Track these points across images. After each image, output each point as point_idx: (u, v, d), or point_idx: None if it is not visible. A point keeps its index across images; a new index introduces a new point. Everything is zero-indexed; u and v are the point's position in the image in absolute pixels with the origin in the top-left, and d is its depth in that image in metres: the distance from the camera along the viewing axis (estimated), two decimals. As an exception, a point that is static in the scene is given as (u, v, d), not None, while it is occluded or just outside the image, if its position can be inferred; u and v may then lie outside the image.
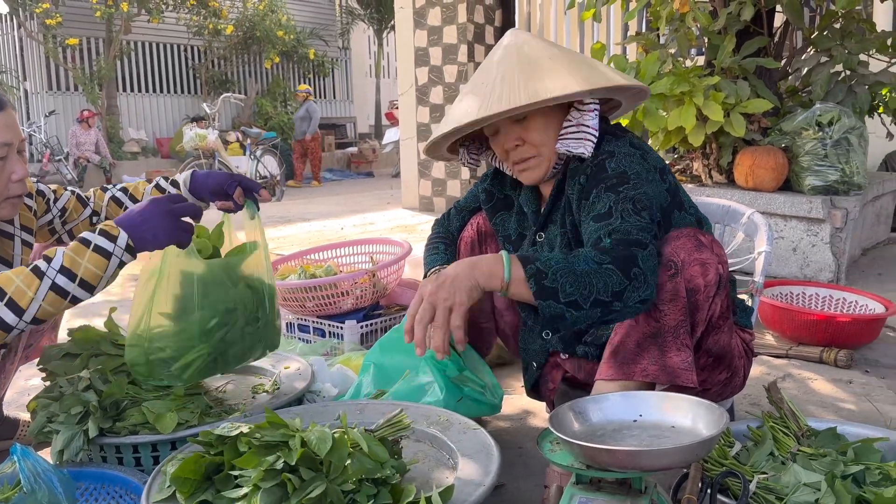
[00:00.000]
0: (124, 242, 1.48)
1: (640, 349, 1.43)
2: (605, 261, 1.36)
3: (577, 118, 1.58)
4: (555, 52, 1.59)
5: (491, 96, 1.50)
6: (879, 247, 4.51)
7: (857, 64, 3.75)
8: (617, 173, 1.51)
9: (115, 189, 1.93)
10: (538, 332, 1.78)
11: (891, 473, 1.40)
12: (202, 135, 8.92)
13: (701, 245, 1.46)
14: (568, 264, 1.35)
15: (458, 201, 2.02)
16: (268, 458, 1.21)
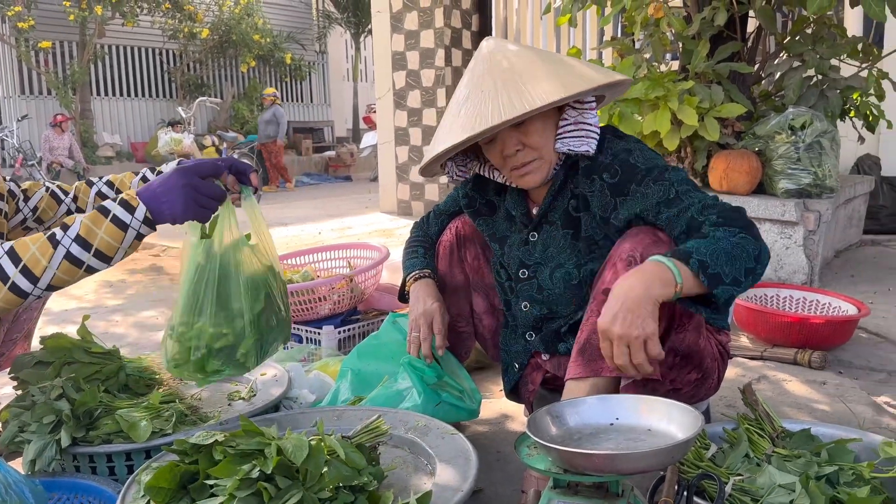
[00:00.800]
0: (142, 215, 1.44)
1: None
2: (735, 232, 1.40)
3: (574, 116, 1.58)
4: (544, 54, 1.60)
5: (496, 104, 1.47)
6: (852, 249, 4.57)
7: (828, 69, 3.81)
8: (650, 165, 1.54)
9: (100, 182, 1.89)
10: (521, 333, 1.78)
11: (864, 474, 1.42)
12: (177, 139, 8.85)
13: (659, 241, 1.50)
14: (716, 247, 1.37)
15: (437, 205, 2.02)
16: (243, 466, 1.20)
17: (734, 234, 1.40)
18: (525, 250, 1.71)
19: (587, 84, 1.49)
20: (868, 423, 2.08)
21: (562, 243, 1.65)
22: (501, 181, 1.73)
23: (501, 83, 1.50)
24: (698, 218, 1.46)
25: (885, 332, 2.89)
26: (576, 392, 1.48)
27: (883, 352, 2.69)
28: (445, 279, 1.91)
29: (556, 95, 1.44)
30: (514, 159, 1.60)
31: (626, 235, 1.54)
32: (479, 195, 1.82)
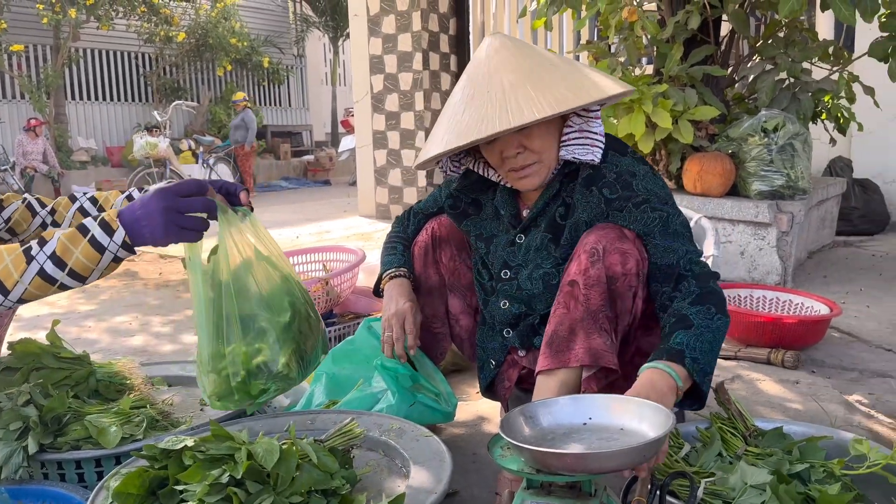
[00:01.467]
0: (121, 238, 1.38)
1: (572, 335, 1.49)
2: (713, 314, 1.44)
3: (579, 124, 1.58)
4: (552, 57, 1.58)
5: (504, 108, 1.44)
6: (825, 250, 4.63)
7: (800, 72, 3.86)
8: (651, 194, 1.56)
9: (84, 198, 1.81)
10: (499, 330, 1.78)
11: (835, 471, 1.43)
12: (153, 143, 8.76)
13: (624, 237, 1.52)
14: (702, 340, 1.40)
15: (417, 204, 2.01)
16: (213, 471, 1.18)
17: (712, 318, 1.43)
18: (510, 251, 1.72)
19: (598, 94, 1.48)
20: (840, 421, 2.10)
21: (542, 246, 1.66)
22: (496, 179, 1.73)
23: (510, 85, 1.47)
24: (682, 268, 1.51)
25: (857, 331, 2.93)
26: (546, 386, 1.49)
27: (855, 351, 2.72)
28: (420, 280, 1.90)
29: (566, 105, 1.43)
30: (513, 161, 1.59)
31: (592, 229, 1.56)
32: (464, 194, 1.81)
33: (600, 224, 1.56)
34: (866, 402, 2.27)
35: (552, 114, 1.41)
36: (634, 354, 1.63)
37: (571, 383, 1.50)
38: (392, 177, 7.02)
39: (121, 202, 1.77)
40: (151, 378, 2.02)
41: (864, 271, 4.01)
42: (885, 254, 4.51)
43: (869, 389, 2.37)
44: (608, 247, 1.50)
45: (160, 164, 9.04)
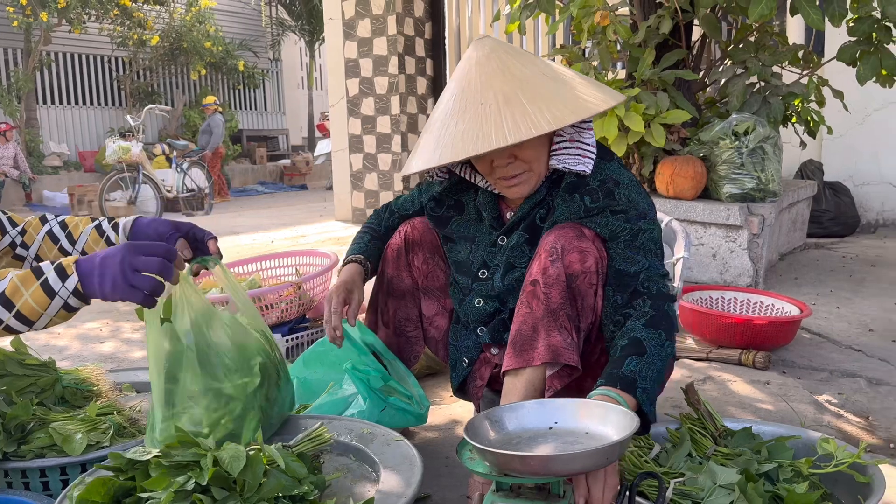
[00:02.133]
0: (73, 285, 1.32)
1: (535, 333, 1.50)
2: (664, 341, 1.46)
3: (570, 134, 1.59)
4: (544, 66, 1.56)
5: (499, 124, 1.43)
6: (796, 252, 4.68)
7: (770, 76, 3.90)
8: (631, 205, 1.57)
9: (54, 222, 1.73)
10: (472, 328, 1.78)
11: (803, 470, 1.44)
12: (125, 147, 8.65)
13: (582, 236, 1.53)
14: (651, 368, 1.42)
15: (395, 201, 1.99)
16: (178, 478, 1.17)
17: (663, 345, 1.46)
18: (491, 252, 1.72)
19: (594, 109, 1.47)
20: (810, 421, 2.12)
21: (518, 246, 1.66)
22: (483, 185, 1.73)
23: (504, 99, 1.45)
24: (640, 282, 1.52)
25: (827, 332, 2.96)
26: (513, 386, 1.51)
27: (825, 352, 2.75)
28: (393, 283, 1.90)
29: (563, 122, 1.42)
30: (503, 171, 1.59)
31: (552, 228, 1.57)
32: (447, 196, 1.82)
33: (560, 224, 1.58)
34: (836, 402, 2.29)
35: (549, 130, 1.41)
36: (601, 354, 1.64)
37: (537, 382, 1.51)
38: (368, 181, 7.01)
39: (90, 231, 1.70)
40: (119, 384, 2.00)
41: (835, 273, 4.06)
42: (855, 256, 4.58)
43: (838, 389, 2.40)
44: (567, 245, 1.51)
45: (133, 169, 8.93)
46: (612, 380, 1.40)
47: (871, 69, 3.53)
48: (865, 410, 2.23)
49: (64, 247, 1.68)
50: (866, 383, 2.44)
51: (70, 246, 1.66)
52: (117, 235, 1.68)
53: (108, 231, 1.69)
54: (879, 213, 5.78)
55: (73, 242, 1.70)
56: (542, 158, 1.60)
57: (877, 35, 3.52)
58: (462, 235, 1.79)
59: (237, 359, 1.46)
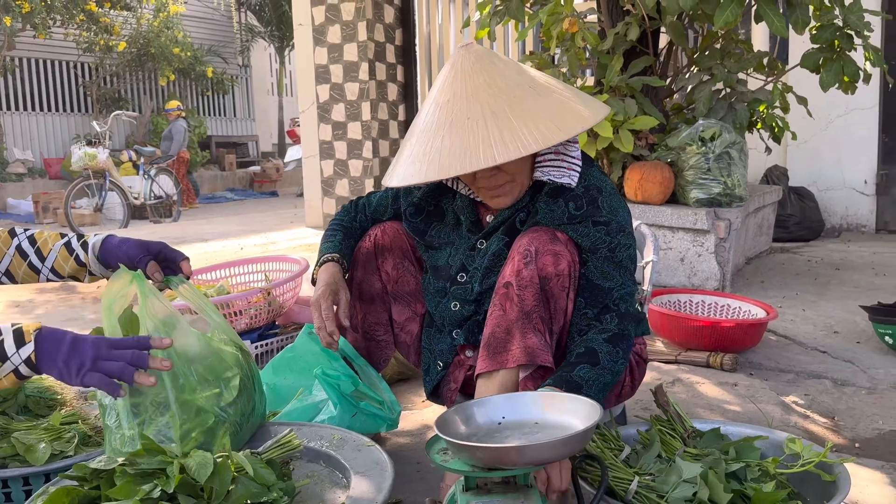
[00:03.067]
0: (27, 354, 1.27)
1: (509, 336, 1.51)
2: (619, 357, 1.52)
3: (556, 146, 1.59)
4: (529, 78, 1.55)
5: (487, 142, 1.42)
6: (762, 256, 4.75)
7: (736, 82, 3.96)
8: (613, 216, 1.59)
9: (23, 236, 1.66)
10: (448, 331, 1.77)
11: (770, 469, 1.46)
12: (91, 154, 8.52)
13: (556, 239, 1.55)
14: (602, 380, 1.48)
15: (368, 198, 1.97)
16: (144, 486, 1.15)
17: (617, 362, 1.51)
18: (470, 255, 1.72)
19: (582, 126, 1.49)
20: (777, 421, 2.15)
21: (498, 250, 1.66)
22: (465, 192, 1.73)
23: (491, 114, 1.44)
24: (612, 299, 1.56)
25: (793, 334, 3.01)
26: (486, 388, 1.52)
27: (791, 353, 2.79)
28: (362, 287, 1.88)
29: (551, 141, 1.42)
30: (486, 181, 1.60)
31: (526, 232, 1.58)
32: (426, 202, 1.81)
33: (533, 228, 1.58)
34: (802, 403, 2.33)
35: (537, 150, 1.41)
36: None
37: (510, 385, 1.51)
38: (339, 187, 6.98)
39: (59, 248, 1.64)
40: (84, 393, 1.96)
41: (800, 276, 4.12)
42: (820, 259, 4.65)
43: (805, 390, 2.43)
44: (541, 248, 1.52)
45: (100, 176, 8.81)
46: (559, 381, 1.44)
47: (833, 76, 3.60)
48: (831, 411, 2.27)
49: (33, 262, 1.62)
50: (832, 384, 2.48)
51: (39, 262, 1.61)
52: (86, 254, 1.63)
53: (78, 249, 1.64)
54: (843, 217, 5.89)
55: (42, 259, 1.64)
56: (526, 170, 1.62)
57: (839, 42, 3.59)
58: (442, 241, 1.79)
59: (209, 370, 1.43)
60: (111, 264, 1.61)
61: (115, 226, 8.97)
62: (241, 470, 1.25)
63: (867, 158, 5.77)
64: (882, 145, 5.75)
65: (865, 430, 2.13)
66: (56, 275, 1.62)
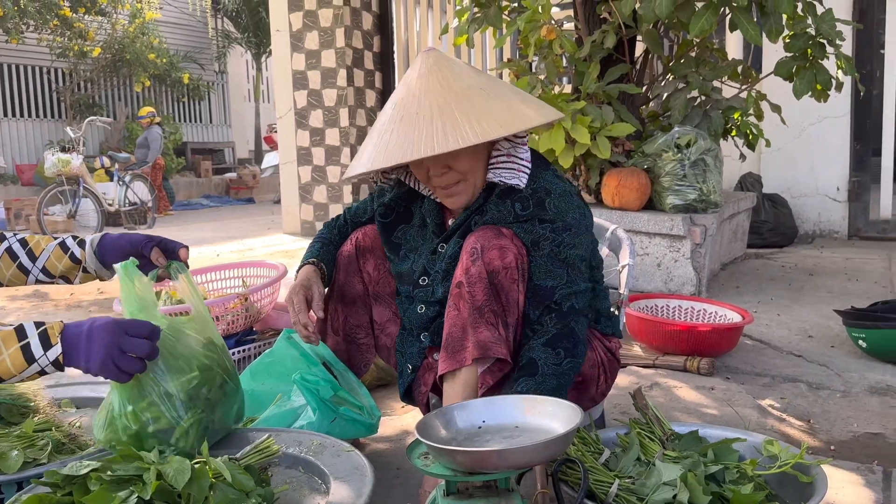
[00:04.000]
0: (54, 356, 1.32)
1: (464, 334, 1.53)
2: (561, 358, 1.52)
3: (507, 148, 1.63)
4: (484, 80, 1.60)
5: (430, 133, 1.47)
6: (737, 261, 4.80)
7: (711, 90, 4.01)
8: (559, 215, 1.59)
9: (13, 239, 1.67)
10: (416, 335, 1.78)
11: (748, 471, 1.47)
12: (65, 160, 8.41)
13: (501, 234, 1.57)
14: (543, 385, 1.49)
15: (348, 210, 1.99)
16: (120, 493, 1.13)
17: (560, 363, 1.52)
18: (431, 259, 1.74)
19: (523, 125, 1.52)
20: (754, 425, 2.17)
21: (454, 253, 1.67)
22: (426, 193, 1.76)
23: (437, 109, 1.50)
24: (554, 298, 1.56)
25: (769, 338, 3.04)
26: (451, 389, 1.54)
27: (766, 357, 2.82)
28: (344, 289, 1.89)
29: (490, 136, 1.46)
30: (438, 180, 1.63)
31: (473, 231, 1.61)
32: (397, 204, 1.84)
33: (480, 226, 1.61)
34: (778, 406, 2.35)
35: (476, 143, 1.45)
36: None
37: (473, 382, 1.54)
38: (317, 193, 6.96)
39: (53, 248, 1.65)
40: (58, 400, 1.93)
41: (775, 282, 4.17)
42: (793, 265, 4.71)
43: (780, 394, 2.46)
44: (486, 244, 1.55)
45: (73, 182, 8.69)
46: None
47: (806, 84, 3.65)
48: (806, 414, 2.29)
49: (23, 263, 1.64)
50: (807, 388, 2.51)
51: (30, 263, 1.62)
52: (83, 251, 1.65)
53: (73, 247, 1.66)
54: (816, 223, 5.97)
55: (33, 259, 1.65)
56: (478, 171, 1.64)
57: (812, 51, 3.65)
58: (407, 242, 1.81)
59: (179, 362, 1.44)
60: (109, 258, 1.66)
61: (89, 233, 8.83)
62: (218, 476, 1.24)
63: (839, 166, 5.85)
64: (854, 153, 5.84)
65: (840, 432, 2.16)
66: (47, 275, 1.64)
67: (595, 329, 1.73)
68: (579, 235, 1.62)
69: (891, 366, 2.66)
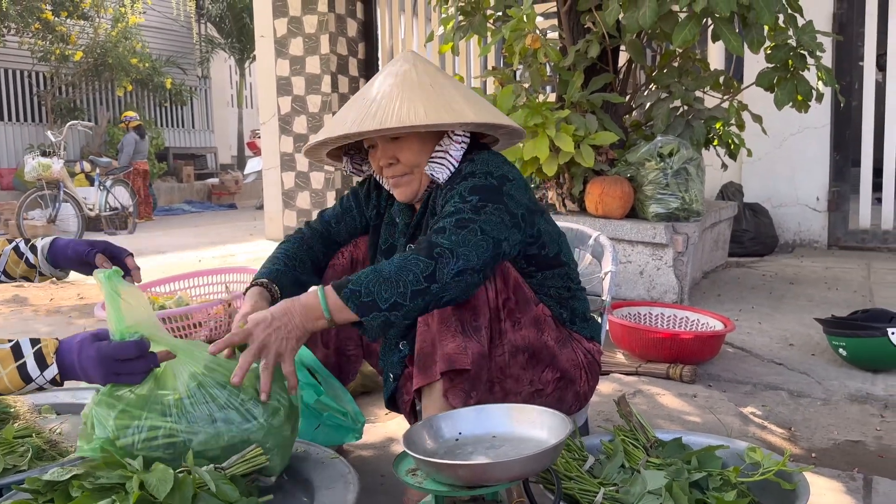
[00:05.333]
0: (52, 375, 1.35)
1: (433, 348, 1.52)
2: (407, 255, 1.44)
3: (446, 145, 1.66)
4: (441, 80, 1.67)
5: (366, 113, 1.57)
6: (718, 270, 4.84)
7: (693, 100, 4.04)
8: (485, 166, 1.62)
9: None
10: (395, 343, 1.78)
11: (731, 478, 1.48)
12: (45, 164, 8.33)
13: None
14: (377, 273, 1.42)
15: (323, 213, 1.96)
16: (101, 502, 1.11)
17: (405, 258, 1.43)
18: None
19: (450, 118, 1.57)
20: (736, 432, 2.18)
21: None
22: (386, 186, 1.79)
23: (380, 96, 1.59)
24: (444, 220, 1.51)
25: (750, 346, 3.06)
26: (429, 401, 1.53)
27: (748, 365, 2.84)
28: None
29: (408, 122, 1.53)
30: (388, 171, 1.70)
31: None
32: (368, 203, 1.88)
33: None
34: (760, 414, 2.37)
35: (393, 126, 1.53)
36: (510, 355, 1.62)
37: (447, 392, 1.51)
38: (300, 199, 6.94)
39: (8, 252, 1.70)
40: (39, 406, 1.90)
41: (756, 290, 4.20)
42: (774, 274, 4.75)
43: (762, 402, 2.48)
44: None
45: (54, 187, 8.61)
46: (332, 283, 1.43)
47: (787, 95, 3.70)
48: (788, 422, 2.31)
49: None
50: (788, 395, 2.53)
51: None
52: (35, 257, 1.70)
53: (27, 252, 1.71)
54: (796, 233, 6.03)
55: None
56: (423, 165, 1.68)
57: (793, 62, 3.69)
58: (380, 246, 1.84)
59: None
60: (60, 264, 1.71)
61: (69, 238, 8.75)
62: (202, 486, 1.22)
63: (819, 176, 5.91)
64: (833, 163, 5.91)
65: (821, 440, 2.18)
66: (8, 276, 1.72)
67: (572, 330, 1.74)
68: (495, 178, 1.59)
69: (870, 374, 2.68)
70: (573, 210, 4.00)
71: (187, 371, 1.37)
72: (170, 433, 1.29)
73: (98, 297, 4.03)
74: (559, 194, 4.04)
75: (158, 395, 1.33)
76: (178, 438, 1.29)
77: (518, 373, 1.62)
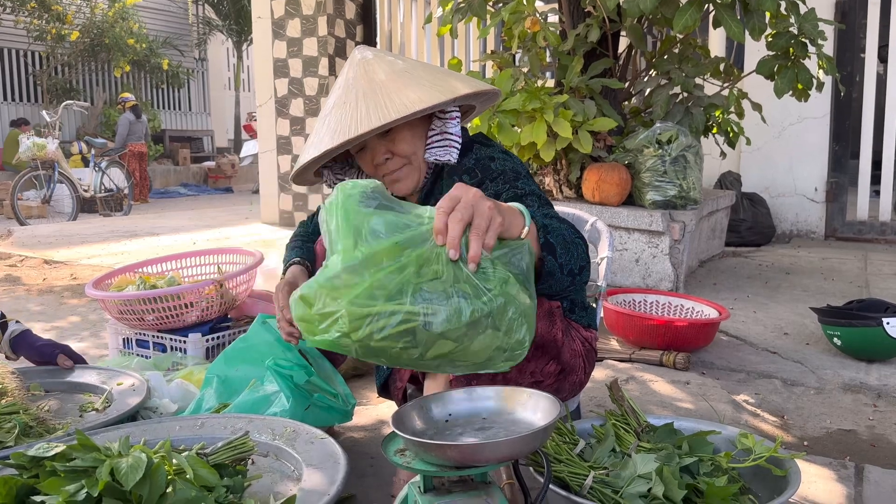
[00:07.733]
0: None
1: None
2: (577, 234, 1.35)
3: (440, 126, 1.63)
4: (408, 64, 1.62)
5: (356, 115, 1.50)
6: (715, 259, 4.83)
7: (693, 87, 4.01)
8: (506, 170, 1.59)
9: None
10: None
11: (722, 464, 1.47)
12: (40, 144, 8.27)
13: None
14: (559, 228, 1.31)
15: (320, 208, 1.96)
16: (69, 487, 1.09)
17: (576, 236, 1.36)
18: None
19: (447, 95, 1.52)
20: (728, 419, 2.17)
21: None
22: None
23: (363, 94, 1.52)
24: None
25: (744, 335, 3.05)
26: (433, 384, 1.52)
27: (742, 353, 2.83)
28: None
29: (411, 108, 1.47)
30: (384, 167, 1.63)
31: None
32: None
33: None
34: (752, 402, 2.36)
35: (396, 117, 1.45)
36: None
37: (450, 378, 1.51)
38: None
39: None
40: (27, 384, 1.89)
41: (751, 280, 4.20)
42: (770, 264, 4.75)
43: (755, 389, 2.47)
44: None
45: (48, 167, 8.56)
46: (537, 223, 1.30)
47: (787, 83, 3.67)
48: (780, 410, 2.31)
49: None
50: (781, 384, 2.52)
51: None
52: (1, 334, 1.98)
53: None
54: (794, 223, 6.02)
55: None
56: (419, 152, 1.64)
57: (794, 50, 3.66)
58: None
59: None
60: (18, 353, 2.02)
61: (63, 218, 8.72)
62: (180, 472, 1.20)
63: (818, 166, 5.90)
64: (832, 154, 5.89)
65: (814, 428, 2.17)
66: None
67: (571, 320, 1.72)
68: (530, 180, 1.61)
69: (864, 363, 2.68)
70: (570, 196, 3.98)
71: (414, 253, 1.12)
72: (408, 317, 1.09)
73: (89, 277, 4.00)
74: (556, 180, 4.01)
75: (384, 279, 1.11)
76: (415, 323, 1.09)
77: (522, 364, 1.59)
